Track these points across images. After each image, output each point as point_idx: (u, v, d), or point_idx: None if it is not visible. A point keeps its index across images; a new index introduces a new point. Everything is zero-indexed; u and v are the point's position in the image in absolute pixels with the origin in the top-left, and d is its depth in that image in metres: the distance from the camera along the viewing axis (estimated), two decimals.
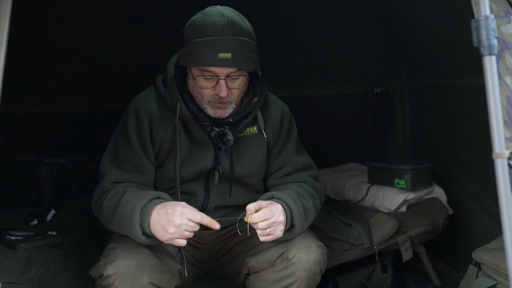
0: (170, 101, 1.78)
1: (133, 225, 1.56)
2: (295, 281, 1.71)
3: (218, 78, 1.68)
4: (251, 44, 1.70)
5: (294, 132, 1.99)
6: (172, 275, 1.68)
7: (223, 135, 1.78)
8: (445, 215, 2.62)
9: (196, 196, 1.87)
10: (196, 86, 1.72)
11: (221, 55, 1.62)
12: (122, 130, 1.82)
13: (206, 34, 1.63)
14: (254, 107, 1.84)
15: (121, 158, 1.79)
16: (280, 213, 1.66)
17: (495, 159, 1.15)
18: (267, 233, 1.63)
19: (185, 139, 1.80)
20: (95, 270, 1.63)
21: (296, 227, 1.71)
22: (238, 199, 1.91)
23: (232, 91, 1.72)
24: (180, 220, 1.52)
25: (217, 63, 1.63)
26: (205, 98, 1.73)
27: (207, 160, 1.82)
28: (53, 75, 2.88)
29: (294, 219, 1.70)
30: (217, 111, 1.75)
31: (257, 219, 1.61)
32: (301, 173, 1.95)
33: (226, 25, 1.62)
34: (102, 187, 1.75)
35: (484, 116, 1.29)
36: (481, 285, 1.86)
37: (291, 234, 1.73)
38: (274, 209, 1.65)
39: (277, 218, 1.64)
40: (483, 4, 1.16)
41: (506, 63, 1.53)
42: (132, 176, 1.76)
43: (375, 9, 3.15)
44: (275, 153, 1.95)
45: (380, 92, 3.32)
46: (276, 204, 1.68)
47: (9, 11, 1.19)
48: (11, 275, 1.99)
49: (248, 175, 1.89)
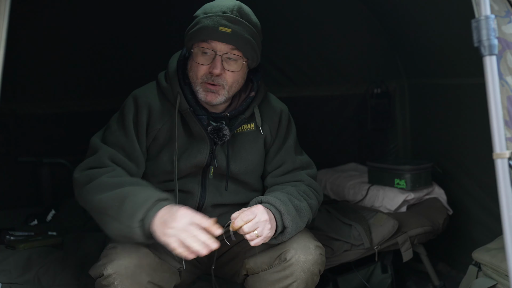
0: (170, 94, 1.79)
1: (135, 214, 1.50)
2: (294, 281, 1.70)
3: (215, 53, 1.69)
4: (254, 33, 1.74)
5: (293, 131, 1.99)
6: (171, 274, 1.68)
7: (220, 130, 1.78)
8: (445, 215, 2.62)
9: (193, 194, 1.86)
10: (194, 62, 1.73)
11: (221, 28, 1.66)
12: (119, 116, 1.81)
13: (213, 12, 1.69)
14: (252, 102, 1.85)
15: (113, 141, 1.76)
16: (263, 212, 1.64)
17: (495, 159, 1.15)
18: (256, 235, 1.62)
19: (182, 133, 1.81)
20: (95, 269, 1.62)
21: (288, 229, 1.70)
22: (235, 197, 1.91)
23: (226, 73, 1.72)
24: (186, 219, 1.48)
25: (216, 36, 1.67)
26: (199, 78, 1.73)
27: (203, 154, 1.81)
28: (53, 75, 2.88)
29: (285, 221, 1.69)
30: (208, 95, 1.73)
31: (239, 223, 1.60)
32: (299, 172, 1.94)
33: (234, 7, 1.70)
34: (98, 160, 1.70)
35: (484, 116, 1.29)
36: (481, 285, 1.86)
37: (285, 236, 1.72)
38: (255, 209, 1.65)
39: (260, 218, 1.63)
40: (483, 4, 1.16)
41: (508, 63, 1.53)
42: (124, 161, 1.73)
43: (375, 10, 3.15)
44: (273, 152, 1.94)
45: (380, 92, 3.32)
46: (256, 206, 1.67)
47: (8, 10, 1.19)
48: (11, 275, 1.98)
49: (244, 171, 1.89)
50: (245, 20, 1.71)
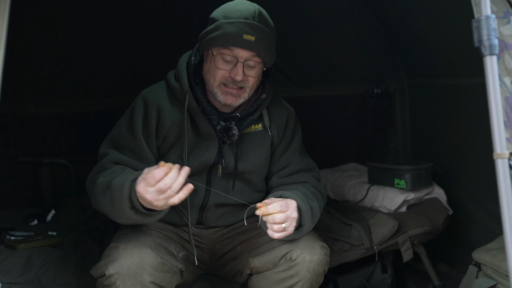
0: (179, 93, 1.80)
1: (122, 198, 1.51)
2: (299, 281, 1.71)
3: (237, 60, 1.70)
4: (273, 38, 1.77)
5: (299, 134, 2.01)
6: (173, 274, 1.68)
7: (229, 129, 1.79)
8: (445, 215, 2.62)
9: (197, 193, 1.86)
10: (213, 66, 1.73)
11: (245, 36, 1.66)
12: (128, 117, 1.82)
13: (235, 17, 1.69)
14: (262, 104, 1.86)
15: (122, 143, 1.78)
16: (294, 210, 1.66)
17: (495, 159, 1.15)
18: (283, 228, 1.61)
19: (190, 131, 1.81)
20: (96, 269, 1.62)
21: (304, 227, 1.72)
22: (238, 197, 1.91)
23: (248, 78, 1.74)
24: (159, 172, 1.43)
25: (240, 44, 1.67)
26: (218, 81, 1.74)
27: (211, 153, 1.82)
28: (53, 75, 2.89)
29: (302, 218, 1.71)
30: (228, 98, 1.75)
31: (273, 210, 1.60)
32: (304, 174, 1.96)
33: (255, 13, 1.70)
34: (101, 165, 1.72)
35: (484, 116, 1.29)
36: (481, 285, 1.86)
37: (299, 234, 1.73)
38: (290, 203, 1.65)
39: (291, 213, 1.64)
40: (484, 4, 1.16)
41: (505, 64, 1.53)
42: (131, 162, 1.74)
43: (375, 10, 3.15)
44: (279, 153, 1.96)
45: (380, 92, 3.32)
46: (291, 200, 1.67)
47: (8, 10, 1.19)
48: (11, 275, 1.98)
49: (250, 170, 1.90)
50: (265, 26, 1.72)
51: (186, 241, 1.87)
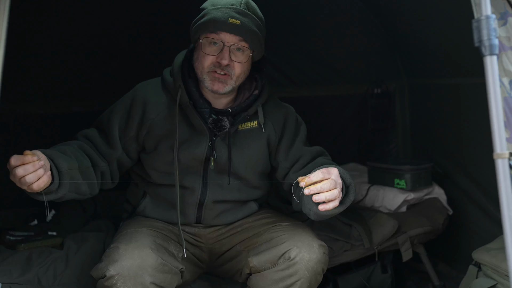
0: (172, 88, 1.84)
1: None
2: (297, 280, 1.71)
3: (224, 44, 1.73)
4: (260, 26, 1.78)
5: (304, 129, 2.03)
6: (173, 274, 1.68)
7: (219, 121, 1.82)
8: (445, 216, 2.62)
9: (194, 190, 1.88)
10: (201, 53, 1.76)
11: (231, 20, 1.70)
12: (115, 105, 1.93)
13: (221, 4, 1.73)
14: (256, 101, 1.87)
15: (99, 125, 1.90)
16: (338, 176, 1.59)
17: (496, 159, 1.15)
18: (336, 196, 1.53)
19: (183, 126, 1.84)
20: (97, 270, 1.62)
21: (349, 196, 1.67)
22: (236, 193, 1.91)
23: (234, 64, 1.76)
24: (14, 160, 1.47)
25: (225, 28, 1.71)
26: (206, 67, 1.77)
27: (203, 146, 1.84)
28: (53, 75, 2.88)
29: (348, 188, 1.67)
30: (215, 83, 1.77)
31: (316, 178, 1.53)
32: (319, 158, 1.94)
33: (242, 1, 1.74)
34: (75, 136, 1.86)
35: (484, 116, 1.29)
36: (481, 285, 1.86)
37: (345, 205, 1.66)
38: (331, 170, 1.59)
39: (337, 179, 1.57)
40: (484, 4, 1.16)
41: (503, 64, 1.53)
42: (100, 143, 1.83)
43: (375, 10, 3.15)
44: (285, 147, 1.96)
45: (380, 92, 3.32)
46: (332, 167, 1.62)
47: (7, 10, 1.19)
48: (11, 275, 1.98)
49: (245, 166, 1.91)
50: (252, 14, 1.75)
51: (186, 240, 1.87)
